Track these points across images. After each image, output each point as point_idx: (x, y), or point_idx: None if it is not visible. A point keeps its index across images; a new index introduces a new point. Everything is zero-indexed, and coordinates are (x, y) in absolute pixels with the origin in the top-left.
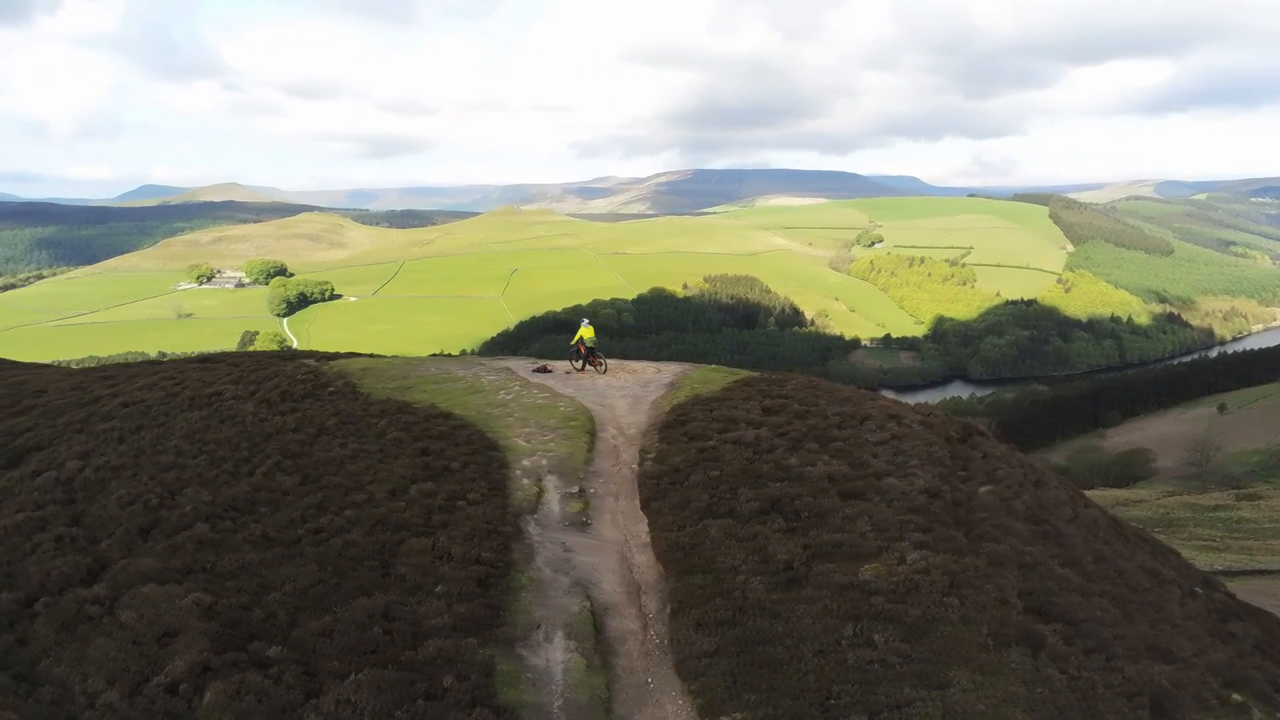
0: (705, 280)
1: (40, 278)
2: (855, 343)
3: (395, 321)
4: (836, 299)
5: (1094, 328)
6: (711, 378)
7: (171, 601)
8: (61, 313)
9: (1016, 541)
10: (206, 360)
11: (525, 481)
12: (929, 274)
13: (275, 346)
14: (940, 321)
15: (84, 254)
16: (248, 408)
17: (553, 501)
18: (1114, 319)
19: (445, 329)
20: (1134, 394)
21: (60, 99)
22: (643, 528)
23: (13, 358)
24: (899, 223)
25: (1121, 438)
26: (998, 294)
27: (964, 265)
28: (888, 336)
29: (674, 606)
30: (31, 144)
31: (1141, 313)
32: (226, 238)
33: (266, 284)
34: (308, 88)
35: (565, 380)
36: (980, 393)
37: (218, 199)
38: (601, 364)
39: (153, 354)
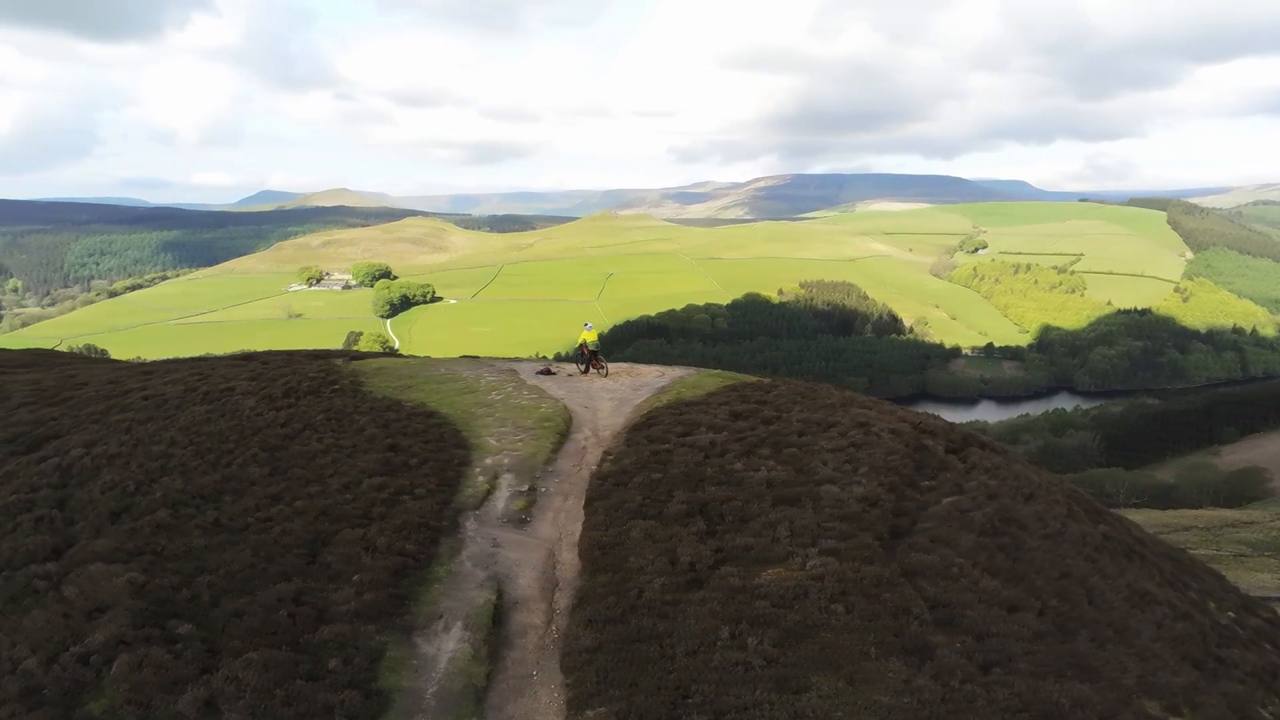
0: (801, 286)
1: (164, 279)
2: (955, 351)
3: (493, 323)
4: (937, 306)
5: (1214, 339)
6: (704, 382)
7: (110, 580)
8: (182, 312)
9: (950, 552)
10: (243, 358)
11: (480, 479)
12: (1035, 281)
13: (378, 347)
14: (1046, 331)
15: (205, 256)
16: (249, 403)
17: (500, 499)
18: (1236, 330)
19: (541, 331)
20: (1253, 409)
21: (187, 109)
22: (579, 527)
23: (137, 354)
24: (1005, 229)
25: (1238, 455)
26: (1109, 303)
27: (1073, 273)
28: (990, 346)
29: (575, 603)
30: (160, 152)
31: (1267, 324)
32: (335, 241)
33: (372, 286)
34: (416, 96)
35: (563, 382)
36: (1086, 405)
37: (328, 204)
38: (603, 367)
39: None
